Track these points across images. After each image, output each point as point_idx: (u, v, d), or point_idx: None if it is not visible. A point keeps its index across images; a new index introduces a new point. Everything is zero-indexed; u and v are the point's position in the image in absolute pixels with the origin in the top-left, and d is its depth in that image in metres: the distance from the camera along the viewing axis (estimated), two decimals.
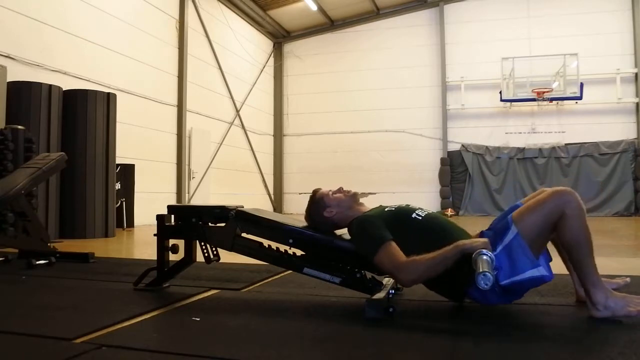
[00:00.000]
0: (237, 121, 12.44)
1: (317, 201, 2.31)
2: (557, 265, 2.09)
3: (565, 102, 12.12)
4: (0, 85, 5.63)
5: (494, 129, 12.87)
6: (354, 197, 2.30)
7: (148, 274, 2.62)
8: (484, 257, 1.75)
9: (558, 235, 1.93)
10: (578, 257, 1.89)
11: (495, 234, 1.98)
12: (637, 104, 12.06)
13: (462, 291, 1.99)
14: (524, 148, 12.62)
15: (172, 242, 2.59)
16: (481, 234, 2.06)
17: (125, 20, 8.50)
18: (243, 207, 2.50)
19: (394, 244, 1.98)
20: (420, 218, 2.10)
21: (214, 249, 2.51)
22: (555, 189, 1.94)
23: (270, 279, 2.97)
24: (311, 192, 2.37)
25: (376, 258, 1.99)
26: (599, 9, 12.29)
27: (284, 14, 13.38)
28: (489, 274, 1.65)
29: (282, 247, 2.34)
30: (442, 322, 1.98)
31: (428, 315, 2.11)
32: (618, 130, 12.15)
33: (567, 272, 2.20)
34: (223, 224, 2.42)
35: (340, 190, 2.33)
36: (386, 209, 2.18)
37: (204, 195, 10.71)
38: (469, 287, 1.91)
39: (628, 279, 2.24)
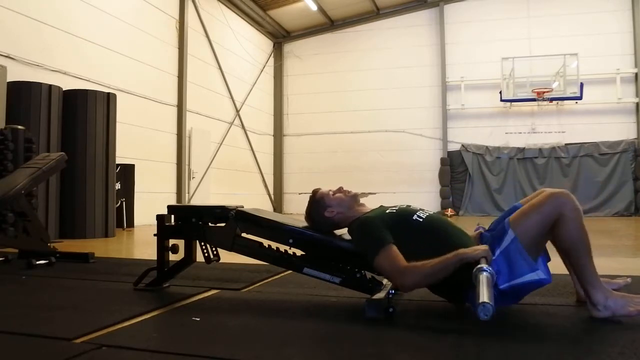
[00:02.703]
0: (237, 121, 12.44)
1: (317, 201, 2.30)
2: (557, 265, 2.09)
3: (565, 102, 12.12)
4: (0, 85, 5.63)
5: (494, 129, 12.87)
6: (354, 198, 2.29)
7: (148, 274, 2.62)
8: (485, 274, 1.70)
9: (555, 238, 1.92)
10: (576, 258, 1.90)
11: (493, 237, 1.98)
12: (637, 104, 12.06)
13: (462, 298, 1.97)
14: (524, 148, 12.62)
15: (172, 242, 2.59)
16: (481, 236, 2.06)
17: (125, 20, 8.50)
18: (243, 207, 2.50)
19: (394, 248, 1.96)
20: (421, 220, 2.07)
21: (214, 249, 2.51)
22: (552, 191, 1.93)
23: (270, 279, 2.97)
24: (311, 192, 2.37)
25: (376, 261, 1.98)
26: (599, 9, 12.29)
27: (284, 14, 13.38)
28: (488, 305, 1.60)
29: (282, 247, 2.34)
30: (442, 322, 1.98)
31: (428, 315, 2.11)
32: (618, 130, 12.15)
33: (567, 272, 2.20)
34: (223, 224, 2.42)
35: (340, 190, 2.32)
36: (387, 211, 2.16)
37: (204, 195, 10.71)
38: (466, 290, 1.89)
39: (629, 280, 2.24)
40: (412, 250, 1.94)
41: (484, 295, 1.62)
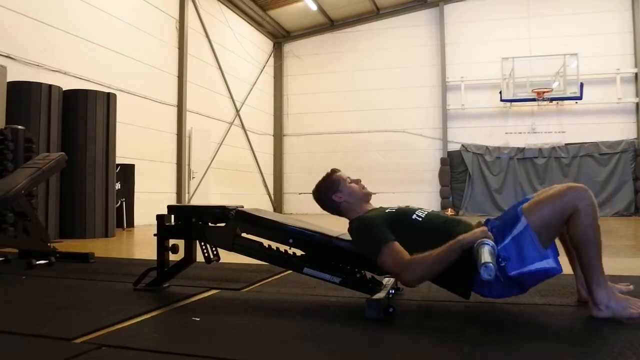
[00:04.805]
0: (237, 121, 12.44)
1: (331, 181, 2.30)
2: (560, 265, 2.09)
3: (565, 102, 12.12)
4: (0, 85, 5.63)
5: (494, 129, 12.87)
6: (366, 196, 2.30)
7: (148, 274, 2.62)
8: (486, 247, 1.72)
9: (568, 232, 1.91)
10: (586, 255, 1.88)
11: (504, 223, 1.95)
12: (637, 104, 12.06)
13: (468, 283, 1.96)
14: (524, 148, 12.62)
15: (172, 242, 2.59)
16: (486, 222, 2.04)
17: (125, 20, 8.50)
18: (243, 207, 2.50)
19: (396, 244, 1.96)
20: (420, 219, 2.08)
21: (214, 249, 2.51)
22: (570, 184, 1.92)
23: (270, 279, 2.97)
24: (330, 170, 2.36)
25: (379, 259, 1.98)
26: (599, 9, 12.29)
27: (284, 14, 13.38)
28: (491, 265, 1.60)
29: (282, 247, 2.34)
30: (442, 322, 1.98)
31: (428, 315, 2.11)
32: (618, 130, 12.16)
33: (567, 272, 2.19)
34: (223, 224, 2.42)
35: (357, 182, 2.32)
36: (387, 210, 2.16)
37: (204, 195, 10.71)
38: (474, 278, 1.89)
39: (631, 286, 2.22)
40: (414, 250, 1.94)
41: (486, 258, 1.63)
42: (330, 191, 2.27)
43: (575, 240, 1.89)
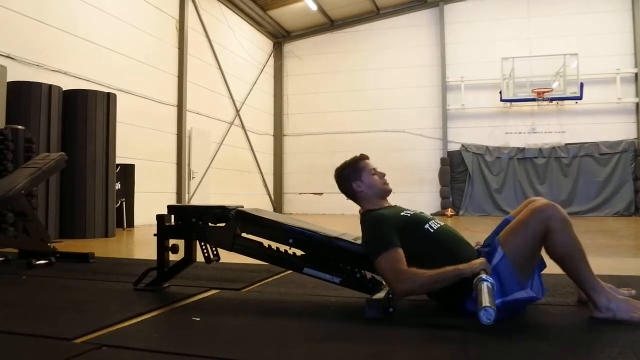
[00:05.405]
0: (237, 121, 12.44)
1: (356, 168, 2.29)
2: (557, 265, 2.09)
3: (565, 102, 12.12)
4: (0, 86, 5.63)
5: (494, 129, 12.86)
6: (386, 192, 2.29)
7: (148, 274, 2.62)
8: (485, 284, 1.72)
9: (548, 250, 1.92)
10: (572, 266, 1.90)
11: (487, 254, 1.98)
12: (637, 104, 12.06)
13: (460, 304, 1.97)
14: (524, 148, 12.62)
15: (172, 242, 2.59)
16: (478, 254, 2.05)
17: (125, 20, 8.50)
18: (243, 207, 2.50)
19: (399, 252, 1.96)
20: (432, 230, 2.07)
21: (214, 249, 2.51)
22: (536, 206, 1.93)
23: (270, 279, 2.97)
24: (359, 154, 2.35)
25: (377, 260, 1.98)
26: (599, 9, 12.29)
27: (284, 14, 13.38)
28: (490, 310, 1.60)
29: (282, 247, 2.34)
30: (442, 322, 1.97)
31: (428, 315, 2.11)
32: (618, 130, 12.15)
33: None
34: (223, 224, 2.42)
35: (381, 175, 2.31)
36: (402, 213, 2.16)
37: (204, 195, 10.71)
38: (465, 300, 1.91)
39: (633, 291, 2.22)
40: (416, 257, 1.95)
41: (486, 301, 1.63)
42: (351, 177, 2.27)
43: (558, 257, 1.90)
